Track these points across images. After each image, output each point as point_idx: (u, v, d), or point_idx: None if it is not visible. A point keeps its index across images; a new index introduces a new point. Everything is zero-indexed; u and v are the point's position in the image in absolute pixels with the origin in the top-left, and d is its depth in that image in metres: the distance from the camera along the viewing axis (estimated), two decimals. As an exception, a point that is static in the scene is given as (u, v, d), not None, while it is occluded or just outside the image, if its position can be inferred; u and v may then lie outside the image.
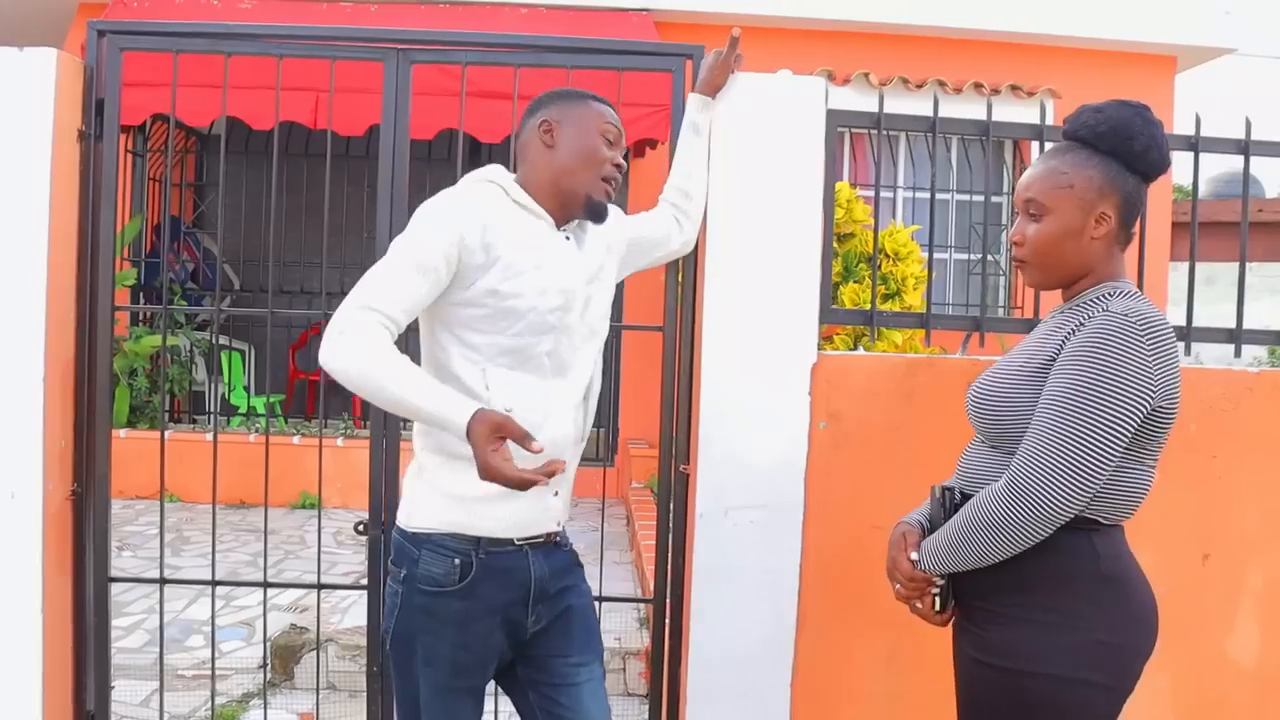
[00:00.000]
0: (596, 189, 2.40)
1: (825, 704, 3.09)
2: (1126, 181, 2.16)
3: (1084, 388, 2.00)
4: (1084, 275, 2.19)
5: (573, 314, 2.38)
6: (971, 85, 8.00)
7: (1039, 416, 2.04)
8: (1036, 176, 2.20)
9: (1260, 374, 3.21)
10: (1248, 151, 3.31)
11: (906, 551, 2.24)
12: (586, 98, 2.44)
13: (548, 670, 2.44)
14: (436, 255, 2.22)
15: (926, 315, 3.29)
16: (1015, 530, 2.02)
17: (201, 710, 4.23)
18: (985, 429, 2.21)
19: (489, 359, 2.29)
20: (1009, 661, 2.08)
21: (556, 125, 2.40)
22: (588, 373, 2.46)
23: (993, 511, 2.05)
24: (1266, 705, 3.22)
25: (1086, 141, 2.17)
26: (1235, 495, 3.19)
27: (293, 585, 4.87)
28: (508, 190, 2.36)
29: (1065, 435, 1.99)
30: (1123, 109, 2.16)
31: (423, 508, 2.35)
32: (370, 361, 2.14)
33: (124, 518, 6.78)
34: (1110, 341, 2.01)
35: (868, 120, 3.21)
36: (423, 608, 2.33)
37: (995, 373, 2.23)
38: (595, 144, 2.39)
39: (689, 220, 2.89)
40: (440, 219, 2.26)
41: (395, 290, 2.21)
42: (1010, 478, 2.04)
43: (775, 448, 3.01)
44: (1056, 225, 2.16)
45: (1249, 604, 3.22)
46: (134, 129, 7.92)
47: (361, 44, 3.25)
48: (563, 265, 2.37)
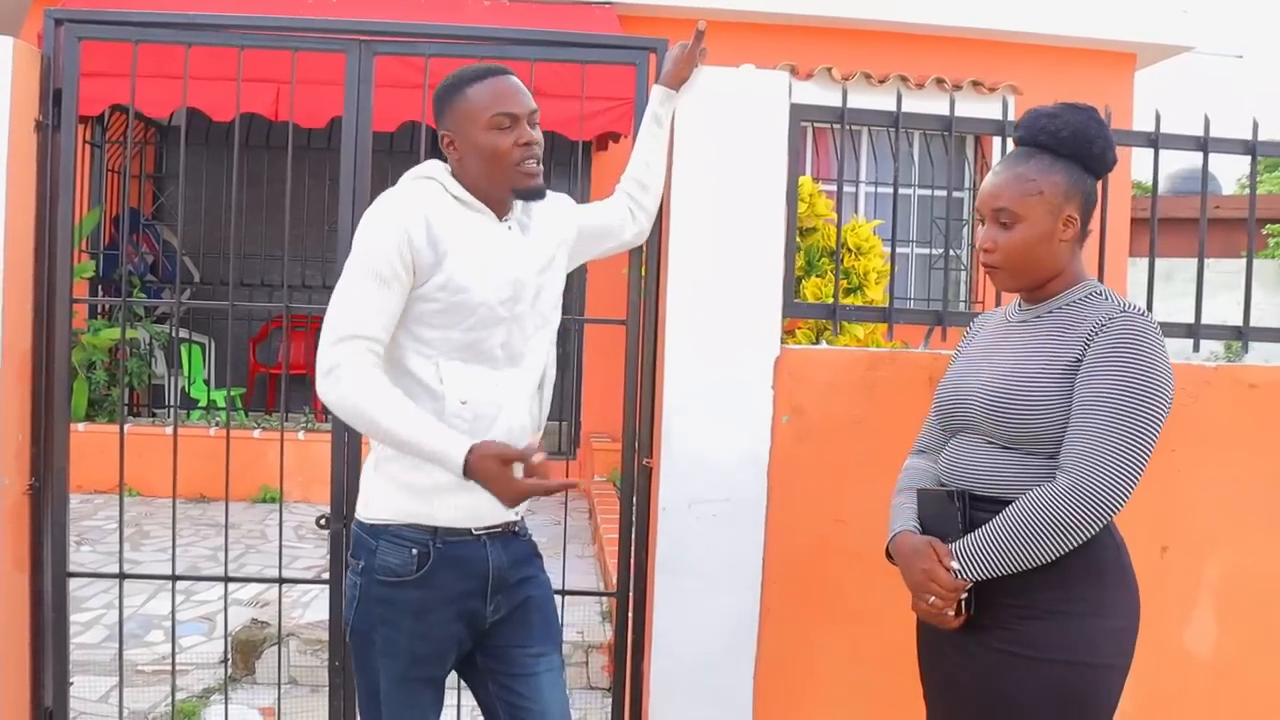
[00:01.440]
0: (517, 179, 2.36)
1: (788, 697, 3.10)
2: (1085, 183, 2.26)
3: (1130, 386, 2.07)
4: (1053, 277, 2.27)
5: (523, 304, 2.38)
6: (933, 81, 8.04)
7: (1086, 417, 2.10)
8: (1005, 184, 2.25)
9: (1218, 369, 3.25)
10: (1206, 148, 3.35)
11: (943, 562, 2.22)
12: (465, 85, 2.35)
13: (507, 660, 2.44)
14: (393, 261, 2.23)
15: (889, 309, 3.31)
16: (1077, 531, 2.08)
17: (162, 706, 4.20)
18: (1003, 432, 2.23)
19: (442, 353, 2.29)
20: (1052, 654, 2.13)
21: (455, 136, 2.37)
22: (541, 362, 2.47)
23: (1055, 514, 2.08)
24: (1220, 696, 3.26)
25: (1047, 147, 2.24)
26: (1193, 488, 3.23)
27: (254, 580, 4.84)
28: (446, 186, 2.36)
29: (1120, 433, 2.06)
30: (1078, 114, 2.25)
31: (380, 499, 2.35)
32: (363, 398, 2.18)
33: (83, 512, 6.71)
34: (1142, 341, 2.11)
35: (831, 115, 3.22)
36: (380, 598, 2.33)
37: (1008, 377, 2.24)
38: (490, 141, 2.32)
39: (643, 212, 2.89)
40: (384, 224, 2.26)
41: (366, 309, 2.22)
42: (1072, 480, 2.07)
43: (738, 441, 3.01)
44: (1030, 232, 2.23)
45: (1206, 596, 3.25)
46: (92, 120, 7.83)
47: (324, 35, 3.23)
48: (510, 256, 2.37)
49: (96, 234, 8.29)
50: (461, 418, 2.28)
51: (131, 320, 8.07)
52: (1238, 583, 3.25)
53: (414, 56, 3.23)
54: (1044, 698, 2.13)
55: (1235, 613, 3.27)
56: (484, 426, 2.30)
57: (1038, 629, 2.15)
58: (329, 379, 2.20)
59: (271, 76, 5.80)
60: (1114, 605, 2.17)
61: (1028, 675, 2.15)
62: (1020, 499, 2.14)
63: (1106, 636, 2.14)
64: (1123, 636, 2.17)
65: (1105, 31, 8.56)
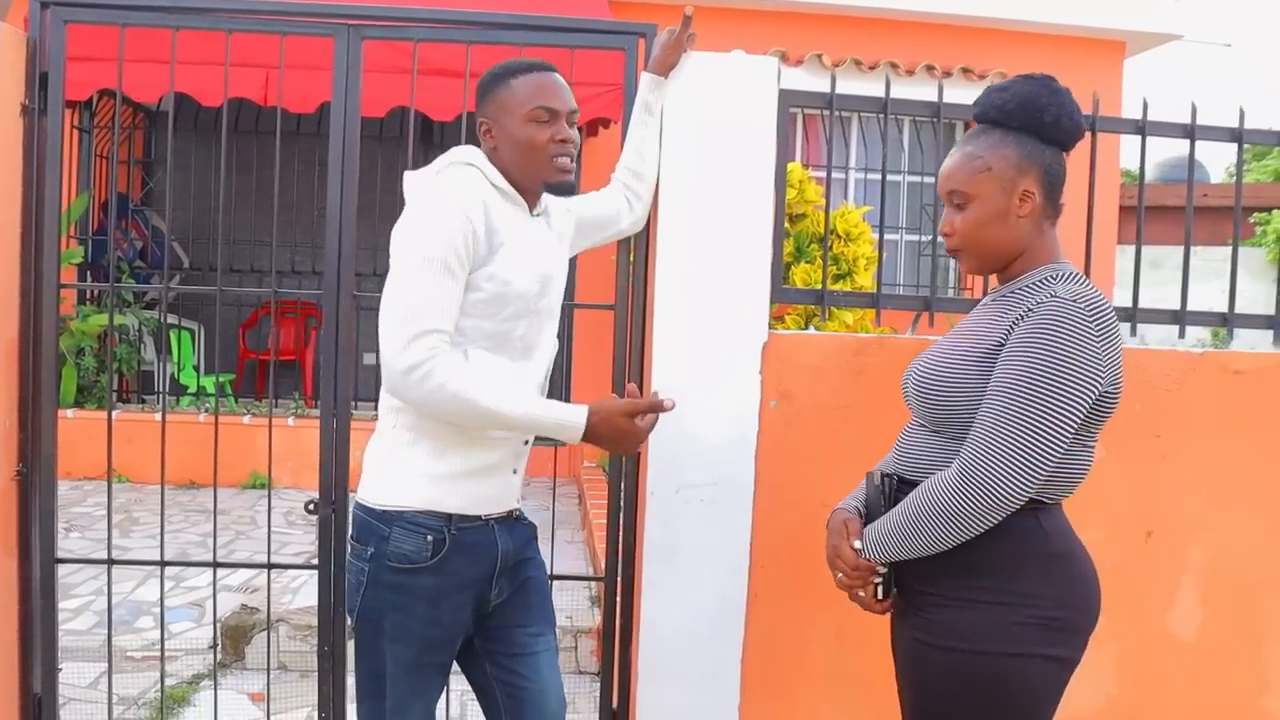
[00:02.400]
0: (550, 173, 2.38)
1: (775, 680, 3.12)
2: (1043, 154, 2.16)
3: (1035, 375, 1.99)
4: (1018, 255, 2.19)
5: (547, 298, 2.41)
6: (923, 67, 8.05)
7: (989, 404, 2.03)
8: (954, 165, 2.20)
9: (1204, 355, 3.26)
10: (1193, 136, 3.36)
11: (849, 540, 2.23)
12: (510, 77, 2.37)
13: (506, 641, 2.46)
14: (460, 251, 2.22)
15: (877, 295, 3.32)
16: (967, 519, 2.02)
17: (151, 692, 4.20)
18: (928, 413, 2.21)
19: (471, 341, 2.29)
20: (959, 642, 2.09)
21: (492, 124, 2.38)
22: (550, 353, 2.50)
23: (944, 501, 2.03)
24: (1204, 678, 3.29)
25: (997, 122, 2.18)
26: (1178, 473, 3.25)
27: (242, 565, 4.85)
28: (486, 174, 2.36)
29: (1017, 424, 1.98)
30: (1027, 83, 2.17)
31: (393, 485, 2.34)
32: (463, 389, 2.18)
33: (72, 499, 6.72)
34: (1059, 328, 2.00)
35: (820, 100, 3.23)
36: (392, 584, 2.33)
37: (938, 356, 2.22)
38: (529, 133, 2.34)
39: (639, 200, 2.90)
40: (448, 211, 2.23)
41: (437, 302, 2.21)
42: (961, 467, 2.03)
43: (726, 426, 3.02)
44: (981, 210, 2.16)
45: (1190, 580, 3.28)
46: (81, 104, 7.80)
47: (312, 19, 3.22)
48: (543, 249, 2.40)
49: (85, 220, 8.26)
50: None
51: (120, 306, 8.06)
52: (1222, 567, 3.28)
53: (403, 41, 3.23)
54: (957, 686, 2.10)
55: (1219, 597, 3.29)
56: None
57: (946, 616, 2.12)
58: (412, 377, 2.17)
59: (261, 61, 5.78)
60: (1040, 596, 2.08)
61: (939, 663, 2.12)
62: (920, 484, 2.12)
63: (1027, 627, 2.06)
64: (1050, 628, 2.08)
65: (1095, 19, 8.57)
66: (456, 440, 2.30)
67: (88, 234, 8.28)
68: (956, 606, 2.11)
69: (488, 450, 2.35)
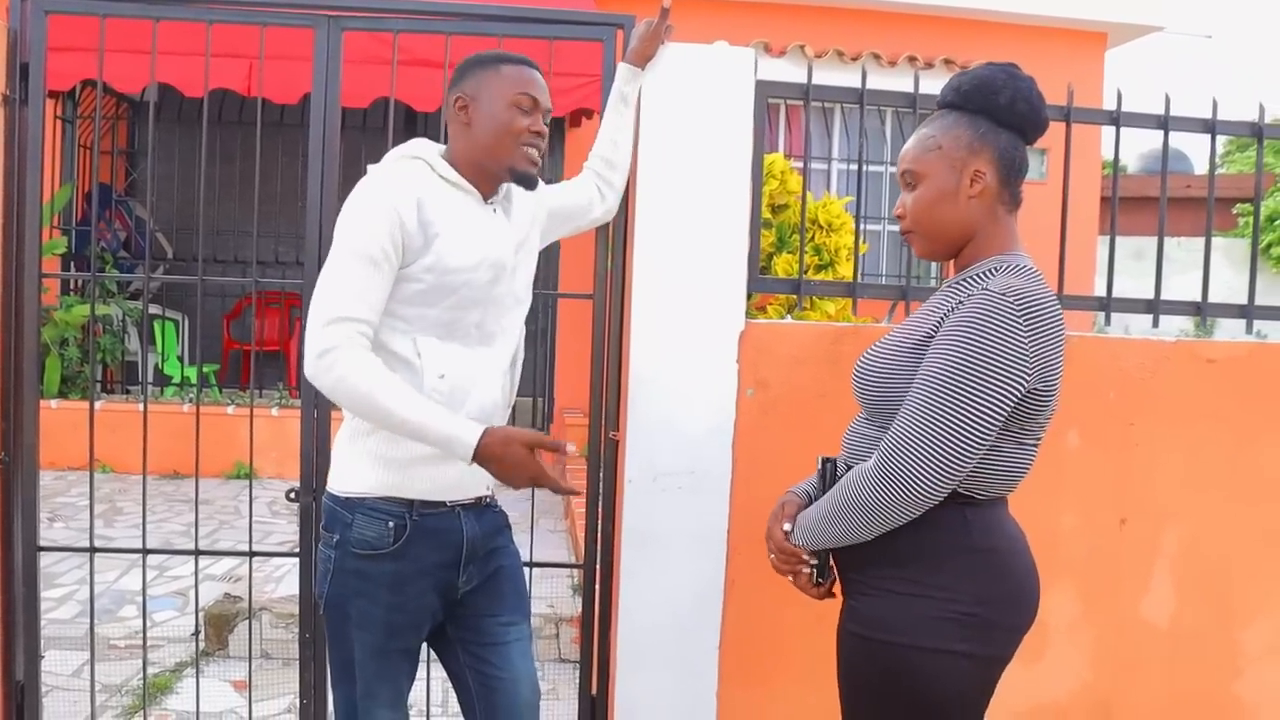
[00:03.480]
0: (518, 160, 2.39)
1: (752, 666, 3.15)
2: (999, 138, 2.13)
3: (955, 369, 1.96)
4: (967, 240, 2.15)
5: (501, 285, 2.41)
6: (905, 58, 8.08)
7: (910, 397, 2.01)
8: (908, 146, 2.20)
9: (1176, 344, 3.30)
10: (1167, 127, 3.39)
11: (780, 522, 2.25)
12: (500, 63, 2.40)
13: (478, 630, 2.48)
14: (384, 243, 2.23)
15: (854, 284, 3.34)
16: (884, 512, 2.01)
17: (134, 680, 4.22)
18: (865, 404, 2.21)
19: (419, 329, 2.31)
20: (876, 632, 2.08)
21: (471, 101, 2.38)
22: (514, 341, 2.50)
23: (861, 493, 2.03)
24: (1178, 663, 3.33)
25: (955, 105, 2.17)
26: (1152, 461, 3.28)
27: (223, 553, 4.86)
28: (434, 166, 2.36)
29: (934, 418, 1.96)
30: (986, 68, 2.17)
31: (355, 472, 2.36)
32: (364, 382, 2.19)
33: (56, 489, 6.72)
34: (983, 321, 1.96)
35: (796, 91, 3.25)
36: (356, 571, 2.35)
37: (875, 349, 2.21)
38: (509, 117, 2.36)
39: (611, 190, 2.92)
40: (376, 205, 2.25)
41: (357, 291, 2.22)
42: (879, 460, 2.01)
43: (703, 414, 3.05)
44: (930, 189, 2.13)
45: (1164, 566, 3.31)
46: (64, 95, 7.79)
47: (292, 10, 3.23)
48: (494, 239, 2.39)
49: (69, 210, 8.26)
50: (439, 391, 2.30)
51: (104, 296, 8.05)
52: (1195, 554, 3.31)
53: (383, 32, 3.24)
54: (873, 675, 2.09)
55: (1193, 584, 3.33)
56: (458, 401, 2.33)
57: (867, 605, 2.11)
58: (322, 362, 2.19)
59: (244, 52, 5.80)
60: (959, 591, 2.03)
61: (859, 652, 2.11)
62: (842, 479, 2.11)
63: (944, 622, 2.02)
64: (968, 624, 2.03)
65: (1076, 11, 8.62)
66: None
67: (71, 224, 8.27)
68: (877, 596, 2.10)
69: None
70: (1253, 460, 3.32)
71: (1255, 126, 3.47)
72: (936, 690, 2.04)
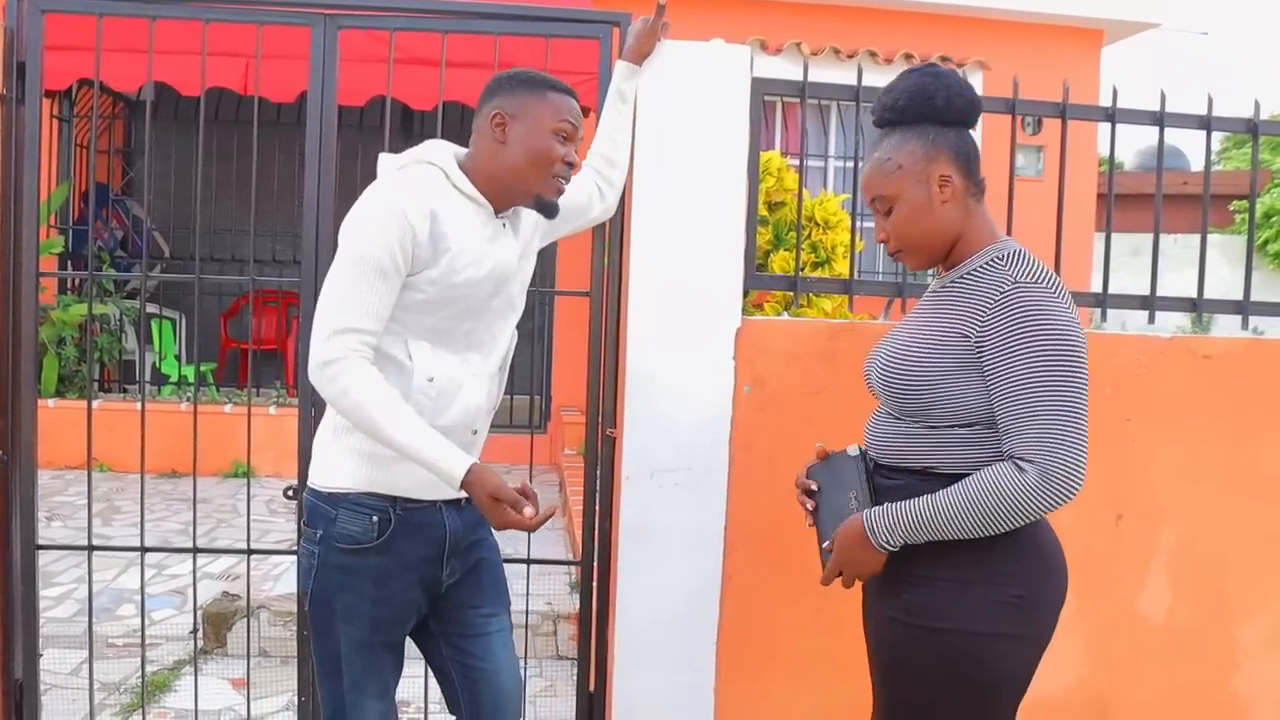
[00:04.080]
0: (548, 189, 2.39)
1: (750, 662, 3.15)
2: (947, 137, 2.19)
3: (1056, 364, 2.02)
4: (955, 240, 2.21)
5: (500, 299, 2.42)
6: (902, 56, 8.08)
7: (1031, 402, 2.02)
8: (868, 174, 2.25)
9: (1172, 340, 3.30)
10: (1162, 123, 3.40)
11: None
12: (545, 88, 2.38)
13: (459, 622, 2.50)
14: (395, 255, 2.23)
15: (849, 281, 3.35)
16: (1036, 511, 2.03)
17: (133, 678, 4.23)
18: (896, 403, 2.21)
19: (412, 333, 2.32)
20: (930, 620, 2.13)
21: (509, 120, 2.35)
22: (504, 346, 2.51)
23: (1023, 501, 2.02)
24: (1175, 659, 3.33)
25: (894, 122, 2.22)
26: (1148, 457, 3.28)
27: (221, 551, 4.87)
28: (449, 174, 2.35)
29: (1066, 415, 2.01)
30: (908, 77, 2.22)
31: (338, 468, 2.37)
32: (365, 398, 2.21)
33: (54, 488, 6.72)
34: (1046, 313, 2.04)
35: (792, 89, 3.26)
36: (340, 566, 2.36)
37: (903, 347, 2.22)
38: (548, 144, 2.34)
39: (611, 188, 2.91)
40: (390, 215, 2.23)
41: (364, 303, 2.22)
42: (1044, 470, 2.01)
43: (700, 411, 3.05)
44: (905, 207, 2.19)
45: (1160, 562, 3.32)
46: (60, 94, 7.78)
47: (289, 9, 3.24)
48: (500, 253, 2.40)
49: (66, 209, 8.26)
50: (426, 394, 2.31)
51: (101, 296, 8.05)
52: (1191, 550, 3.32)
53: (380, 30, 3.24)
54: (931, 664, 2.13)
55: (1188, 579, 3.33)
56: (444, 404, 2.35)
57: (920, 596, 2.15)
58: (325, 373, 2.21)
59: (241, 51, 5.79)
60: (1010, 575, 2.11)
61: (914, 642, 2.15)
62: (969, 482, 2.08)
63: (997, 606, 2.10)
64: (1020, 607, 2.11)
65: (1072, 8, 8.62)
66: None
67: (68, 223, 8.27)
68: (929, 586, 2.14)
69: None
70: (1249, 456, 3.32)
71: (1251, 123, 3.47)
72: (994, 673, 2.12)
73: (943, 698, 2.14)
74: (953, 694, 2.14)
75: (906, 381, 2.17)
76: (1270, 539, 3.35)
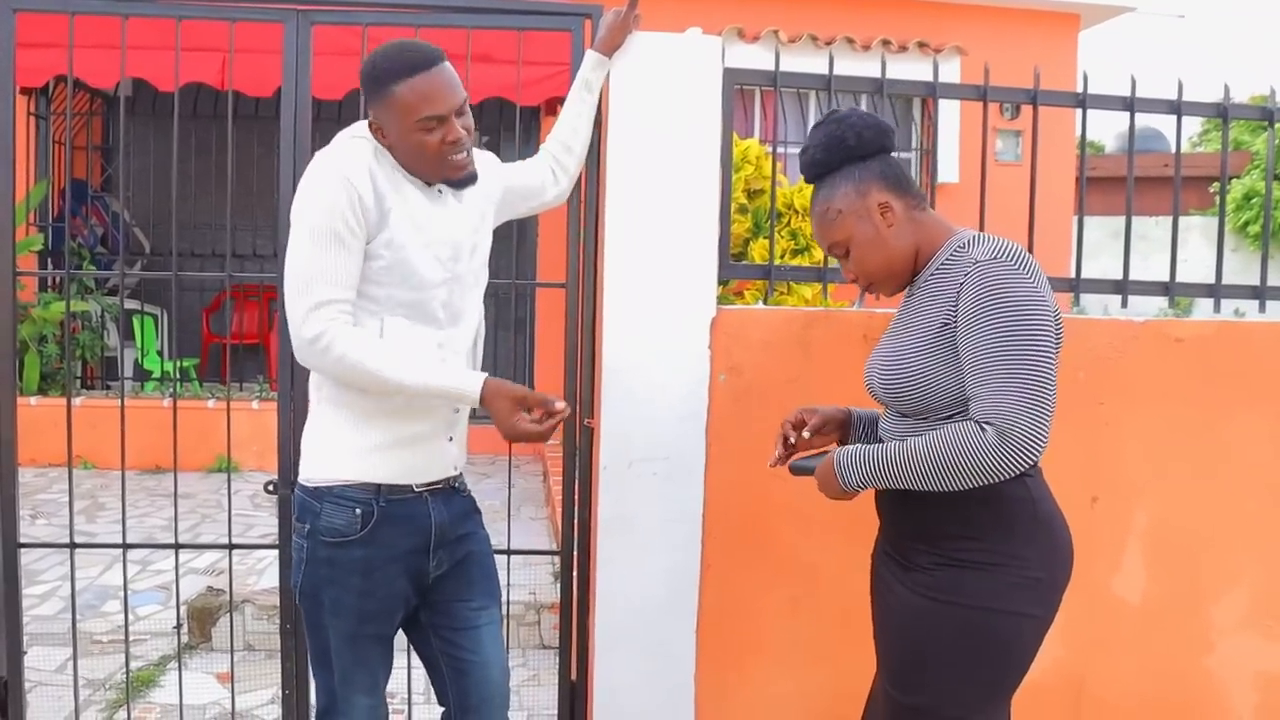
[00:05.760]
0: (446, 170, 2.38)
1: (729, 651, 3.18)
2: (870, 169, 2.30)
3: (1013, 331, 2.08)
4: (915, 254, 2.31)
5: (462, 263, 2.45)
6: (879, 43, 8.09)
7: (991, 371, 2.09)
8: (816, 228, 2.37)
9: (1145, 323, 3.33)
10: (1133, 109, 3.43)
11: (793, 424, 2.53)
12: (392, 83, 2.28)
13: (449, 614, 2.51)
14: (349, 219, 2.25)
15: (824, 269, 3.37)
16: (998, 476, 2.10)
17: (118, 675, 4.23)
18: (901, 405, 2.30)
19: (387, 310, 2.33)
20: (960, 599, 2.21)
21: (383, 123, 2.34)
22: (476, 319, 2.54)
23: (983, 460, 2.08)
24: (1150, 640, 3.36)
25: (821, 174, 2.33)
26: (1121, 440, 3.31)
27: (203, 546, 4.87)
28: (378, 150, 2.36)
29: (1026, 380, 2.06)
30: (819, 131, 2.34)
31: (322, 461, 2.40)
32: (364, 357, 2.24)
33: (37, 485, 6.71)
34: (1006, 284, 2.10)
35: (765, 78, 3.27)
36: (326, 559, 2.38)
37: (892, 352, 2.31)
38: (417, 140, 2.31)
39: (565, 174, 2.92)
40: (332, 183, 2.26)
41: (330, 274, 2.25)
42: (1003, 432, 2.06)
43: (677, 400, 3.07)
44: (859, 246, 2.31)
45: (1135, 544, 3.35)
46: (36, 91, 7.75)
47: (261, 5, 3.24)
48: (444, 217, 2.42)
49: (45, 207, 8.23)
50: None
51: (82, 293, 8.03)
52: (1165, 531, 3.35)
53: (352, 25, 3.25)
54: (955, 641, 2.22)
55: (1163, 560, 3.36)
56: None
57: (951, 575, 2.23)
58: (315, 348, 2.24)
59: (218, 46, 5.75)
60: (1027, 558, 2.21)
61: (942, 619, 2.23)
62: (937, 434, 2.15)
63: (1019, 587, 2.20)
64: (1037, 588, 2.22)
65: (1049, -8, 8.65)
66: (379, 412, 2.35)
67: (47, 221, 8.24)
68: (956, 566, 2.23)
69: (414, 421, 2.39)
70: (1221, 437, 3.35)
71: (1221, 107, 3.51)
72: (1013, 652, 2.24)
73: (963, 673, 2.24)
74: (972, 670, 2.23)
75: (905, 383, 2.26)
76: (1243, 519, 3.38)
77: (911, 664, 2.31)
